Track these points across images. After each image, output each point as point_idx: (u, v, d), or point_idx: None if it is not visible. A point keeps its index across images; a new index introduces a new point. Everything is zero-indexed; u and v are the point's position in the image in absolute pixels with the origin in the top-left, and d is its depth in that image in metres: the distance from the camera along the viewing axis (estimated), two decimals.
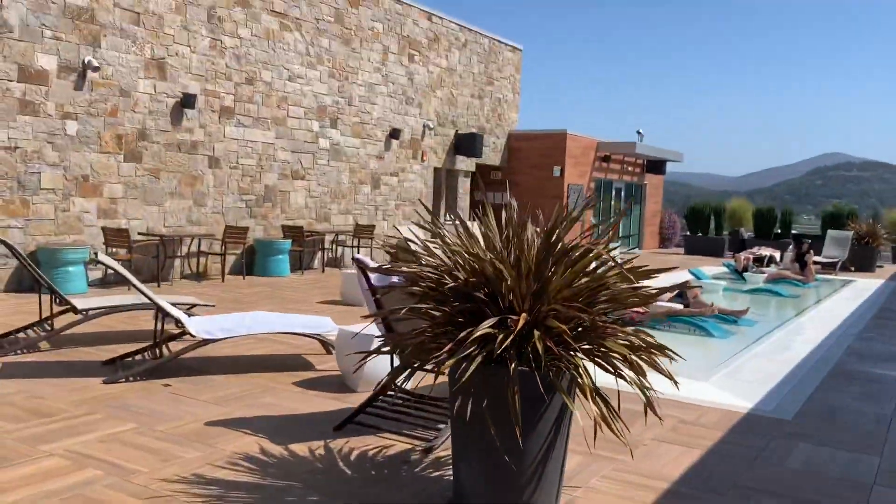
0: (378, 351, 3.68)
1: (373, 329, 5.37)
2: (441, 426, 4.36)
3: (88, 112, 10.13)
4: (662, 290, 3.07)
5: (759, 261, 17.04)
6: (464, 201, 18.86)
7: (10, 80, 9.24)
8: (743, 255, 16.01)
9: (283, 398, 5.02)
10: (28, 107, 9.46)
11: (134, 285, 5.43)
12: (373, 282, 4.35)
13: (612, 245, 3.22)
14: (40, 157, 9.63)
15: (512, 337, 2.80)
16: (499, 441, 2.98)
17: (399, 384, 4.60)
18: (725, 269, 15.63)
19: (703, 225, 24.24)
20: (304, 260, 13.48)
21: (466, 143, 18.15)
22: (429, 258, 3.34)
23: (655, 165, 24.59)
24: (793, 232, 23.83)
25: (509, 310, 3.09)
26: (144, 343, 6.50)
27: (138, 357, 5.83)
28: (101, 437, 4.06)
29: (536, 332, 2.87)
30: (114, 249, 10.30)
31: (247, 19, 12.35)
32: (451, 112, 17.98)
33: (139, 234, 10.80)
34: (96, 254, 5.65)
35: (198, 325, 5.42)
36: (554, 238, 3.19)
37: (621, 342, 3.12)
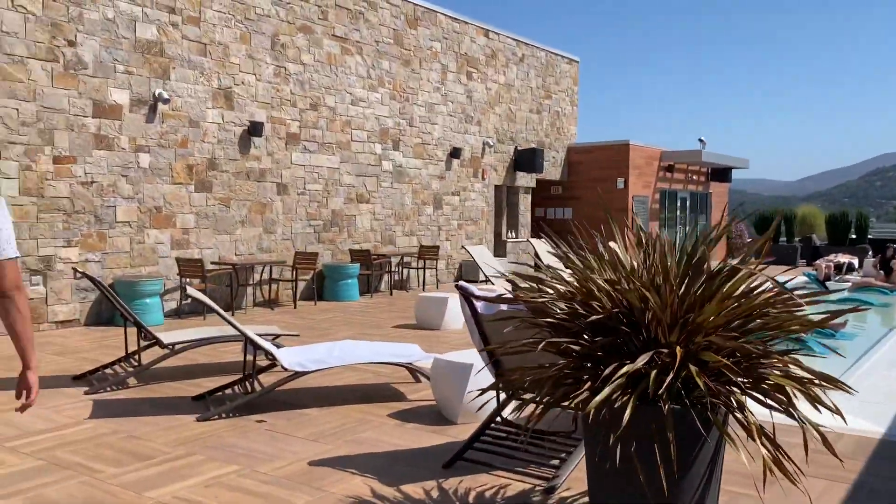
0: (496, 387, 3.45)
1: (470, 357, 5.12)
2: (555, 461, 4.08)
3: (160, 144, 10.21)
4: (833, 315, 2.75)
5: (837, 268, 16.30)
6: (525, 218, 18.57)
7: (86, 116, 9.36)
8: (823, 263, 15.32)
9: (382, 432, 4.81)
10: (103, 141, 9.57)
11: (224, 318, 5.30)
12: (479, 310, 4.12)
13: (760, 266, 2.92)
14: (115, 191, 9.72)
15: (672, 375, 2.52)
16: (649, 484, 2.70)
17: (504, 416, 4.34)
18: (806, 279, 14.95)
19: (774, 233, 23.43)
20: (372, 283, 13.36)
21: (526, 159, 17.89)
22: (556, 285, 3.08)
23: (720, 173, 23.91)
24: (869, 237, 22.83)
25: (654, 342, 2.81)
26: (229, 376, 6.38)
27: (228, 391, 5.70)
28: (206, 482, 3.90)
29: (693, 368, 2.59)
30: (188, 279, 10.31)
31: (309, 45, 12.36)
32: (510, 128, 17.75)
33: (212, 263, 10.81)
34: (185, 288, 5.56)
35: (290, 358, 5.27)
36: (698, 258, 2.91)
37: (778, 373, 2.82)
